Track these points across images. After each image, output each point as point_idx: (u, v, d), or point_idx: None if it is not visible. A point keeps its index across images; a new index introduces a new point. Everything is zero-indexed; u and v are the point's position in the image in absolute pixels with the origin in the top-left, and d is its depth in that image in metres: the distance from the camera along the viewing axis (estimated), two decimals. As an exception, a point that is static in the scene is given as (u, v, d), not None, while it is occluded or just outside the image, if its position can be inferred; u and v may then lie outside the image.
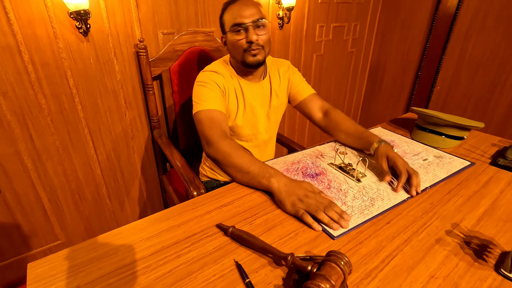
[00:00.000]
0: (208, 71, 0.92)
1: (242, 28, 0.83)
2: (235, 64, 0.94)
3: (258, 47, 0.85)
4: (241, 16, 0.82)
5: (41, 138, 1.16)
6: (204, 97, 0.85)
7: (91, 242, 0.54)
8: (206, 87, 0.87)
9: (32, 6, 1.00)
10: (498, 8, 1.65)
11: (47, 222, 1.30)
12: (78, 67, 1.15)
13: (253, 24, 0.83)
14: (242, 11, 0.83)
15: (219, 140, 0.76)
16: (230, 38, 0.87)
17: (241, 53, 0.86)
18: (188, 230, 0.58)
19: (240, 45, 0.85)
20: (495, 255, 0.52)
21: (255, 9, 0.84)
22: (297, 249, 0.53)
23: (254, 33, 0.83)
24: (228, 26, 0.86)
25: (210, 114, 0.83)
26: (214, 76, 0.89)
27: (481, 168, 0.81)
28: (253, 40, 0.82)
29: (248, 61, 0.86)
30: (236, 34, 0.85)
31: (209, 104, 0.84)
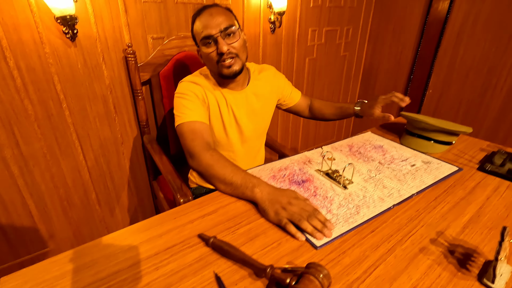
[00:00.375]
0: (187, 81, 0.91)
1: (211, 40, 0.81)
2: (214, 75, 0.93)
3: (231, 56, 0.83)
4: (208, 28, 0.80)
5: (28, 144, 1.15)
6: (184, 109, 0.84)
7: (67, 254, 0.53)
8: (185, 98, 0.86)
9: (18, 11, 0.99)
10: (487, 13, 1.66)
11: (34, 230, 1.28)
12: (66, 72, 1.14)
13: (222, 34, 0.80)
14: (208, 22, 0.80)
15: (201, 152, 0.76)
16: (202, 50, 0.86)
17: (215, 65, 0.85)
18: (169, 240, 0.56)
19: (212, 57, 0.83)
20: (478, 264, 0.52)
21: (222, 17, 0.81)
22: (279, 259, 0.52)
23: (224, 43, 0.81)
24: (198, 39, 0.85)
25: (192, 126, 0.82)
26: (192, 87, 0.88)
27: (469, 174, 0.81)
28: (223, 51, 0.80)
29: (223, 73, 0.85)
30: (207, 47, 0.83)
31: (189, 116, 0.83)
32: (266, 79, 1.01)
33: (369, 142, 0.99)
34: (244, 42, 0.87)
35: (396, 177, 0.79)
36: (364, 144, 0.98)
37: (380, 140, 1.01)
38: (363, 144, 0.98)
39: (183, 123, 0.83)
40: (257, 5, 1.57)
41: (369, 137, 1.04)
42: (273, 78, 1.03)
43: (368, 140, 1.02)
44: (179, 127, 0.84)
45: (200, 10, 0.85)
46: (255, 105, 0.99)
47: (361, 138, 1.03)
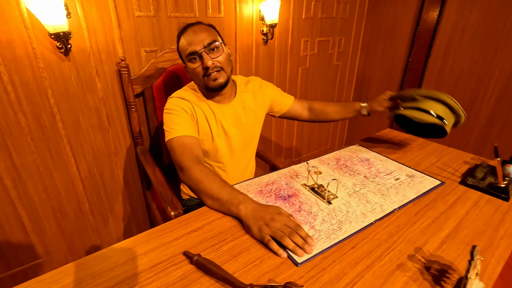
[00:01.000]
0: (175, 97, 0.93)
1: (196, 56, 0.86)
2: (201, 89, 0.96)
3: (216, 70, 0.87)
4: (192, 44, 0.85)
5: (21, 156, 1.16)
6: (173, 124, 0.87)
7: (52, 274, 0.54)
8: (173, 114, 0.88)
9: (12, 28, 1.01)
10: (474, 25, 1.70)
11: (27, 241, 1.29)
12: (59, 86, 1.16)
13: (206, 49, 0.85)
14: (192, 39, 0.85)
15: (191, 166, 0.78)
16: (188, 66, 0.90)
17: (202, 79, 0.88)
18: (154, 258, 0.58)
19: (198, 72, 0.87)
20: (453, 280, 0.54)
21: (205, 33, 0.86)
22: (261, 277, 0.54)
23: (209, 58, 0.85)
24: (184, 56, 0.89)
25: (181, 141, 0.84)
26: (180, 103, 0.91)
27: (450, 188, 0.83)
28: (208, 65, 0.85)
29: (210, 85, 0.88)
30: (192, 63, 0.87)
31: (179, 131, 0.85)
32: (252, 90, 1.04)
33: (356, 155, 1.02)
34: (228, 56, 0.91)
35: (380, 191, 0.81)
36: (351, 157, 1.00)
37: (367, 153, 1.04)
38: (350, 157, 1.00)
39: (172, 138, 0.85)
40: (250, 17, 1.60)
41: (356, 150, 1.06)
42: (259, 89, 1.06)
43: (356, 153, 1.04)
44: (169, 142, 0.86)
45: (183, 29, 0.89)
46: (243, 116, 1.01)
47: (348, 151, 1.05)
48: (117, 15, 1.19)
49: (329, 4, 1.94)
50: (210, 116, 0.95)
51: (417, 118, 0.87)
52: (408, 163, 0.97)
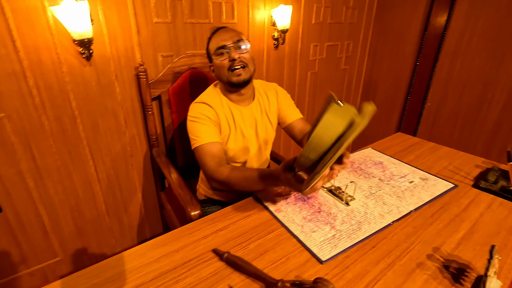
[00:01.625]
0: (198, 102, 0.97)
1: (224, 50, 0.91)
2: (223, 89, 0.99)
3: (241, 65, 0.91)
4: (222, 40, 0.91)
5: (43, 158, 1.20)
6: (198, 133, 0.91)
7: (92, 269, 0.57)
8: (198, 122, 0.92)
9: (38, 34, 1.05)
10: (481, 31, 1.73)
11: (46, 240, 1.32)
12: (80, 90, 1.20)
13: (234, 44, 0.90)
14: (222, 35, 0.92)
15: (214, 173, 0.84)
16: (215, 62, 0.94)
17: (226, 73, 0.92)
18: (185, 255, 0.61)
19: (224, 65, 0.91)
20: (471, 279, 0.56)
21: (235, 32, 0.93)
22: (288, 273, 0.57)
23: (236, 52, 0.90)
24: (213, 52, 0.94)
25: (205, 149, 0.89)
26: (203, 109, 0.94)
27: (464, 191, 0.86)
28: (235, 57, 0.89)
29: (233, 80, 0.92)
30: (220, 56, 0.92)
31: (204, 139, 0.90)
32: (269, 95, 1.07)
33: (370, 159, 1.04)
34: (252, 56, 0.96)
35: (395, 193, 0.83)
36: (364, 161, 1.03)
37: (380, 156, 1.06)
38: (364, 160, 1.03)
39: (198, 146, 0.90)
40: (262, 23, 1.64)
41: (369, 153, 1.09)
42: (274, 95, 1.09)
43: (369, 156, 1.07)
44: (196, 150, 0.91)
45: (215, 30, 0.96)
46: (259, 119, 1.04)
47: (361, 154, 1.08)
48: (136, 22, 1.23)
49: (338, 9, 1.98)
50: (230, 118, 0.98)
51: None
52: (421, 167, 0.99)
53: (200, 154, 0.89)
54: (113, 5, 1.16)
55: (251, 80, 0.97)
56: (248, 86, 0.97)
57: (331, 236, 0.67)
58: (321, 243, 0.64)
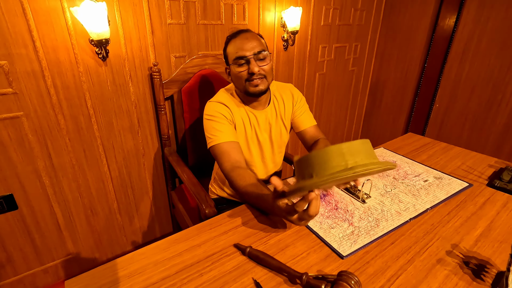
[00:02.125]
0: (214, 101, 0.97)
1: (244, 60, 0.89)
2: (239, 93, 0.99)
3: (260, 77, 0.90)
4: (243, 50, 0.88)
5: (58, 156, 1.22)
6: (214, 131, 0.91)
7: (118, 262, 0.59)
8: (214, 120, 0.92)
9: (57, 34, 1.08)
10: (490, 33, 1.74)
11: (59, 237, 1.34)
12: (96, 89, 1.22)
13: (255, 56, 0.88)
14: (244, 44, 0.88)
15: (229, 173, 0.84)
16: (233, 70, 0.92)
17: (243, 83, 0.91)
18: (207, 249, 0.62)
19: (242, 76, 0.90)
20: (491, 274, 0.57)
21: (256, 42, 0.90)
22: (309, 268, 0.58)
23: (256, 64, 0.88)
24: (231, 59, 0.92)
25: (222, 148, 0.89)
26: (220, 108, 0.94)
27: (478, 190, 0.86)
28: (254, 71, 0.88)
29: (250, 90, 0.91)
30: (239, 66, 0.90)
31: (220, 137, 0.90)
32: (285, 98, 1.07)
33: (383, 158, 1.05)
34: (271, 67, 0.94)
35: (410, 192, 0.84)
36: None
37: (392, 156, 1.07)
38: (377, 159, 1.04)
39: (214, 145, 0.90)
40: (272, 24, 1.66)
41: (382, 153, 1.10)
42: (289, 98, 1.08)
43: (382, 155, 1.07)
44: (212, 149, 0.92)
45: (235, 33, 0.93)
46: (274, 123, 1.05)
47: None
48: (151, 23, 1.26)
49: (346, 11, 1.99)
50: (246, 121, 0.99)
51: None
52: (434, 166, 1.00)
53: (217, 153, 0.90)
54: (129, 7, 1.18)
55: (268, 90, 0.96)
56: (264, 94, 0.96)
57: (349, 232, 0.67)
58: (341, 239, 0.65)
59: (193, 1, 1.33)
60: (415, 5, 2.06)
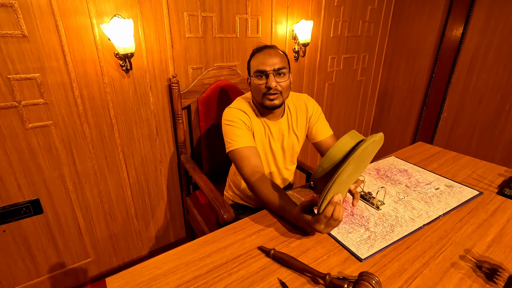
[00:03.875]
0: (234, 108, 1.01)
1: (263, 74, 0.94)
2: (256, 103, 1.04)
3: (276, 92, 0.94)
4: (264, 64, 0.93)
5: (82, 163, 1.28)
6: (234, 136, 0.95)
7: (153, 261, 0.63)
8: (234, 126, 0.97)
9: (86, 49, 1.15)
10: (498, 43, 1.78)
11: (80, 241, 1.39)
12: (119, 100, 1.29)
13: (274, 72, 0.93)
14: (266, 60, 0.93)
15: (250, 178, 0.88)
16: (253, 81, 0.98)
17: (261, 96, 0.96)
18: (234, 251, 0.67)
19: (260, 89, 0.95)
20: (504, 278, 0.60)
21: (278, 59, 0.94)
22: (330, 269, 0.62)
23: (274, 80, 0.93)
24: (253, 71, 0.97)
25: (242, 153, 0.93)
26: (239, 114, 0.99)
27: (489, 198, 0.90)
28: (271, 86, 0.93)
29: (265, 104, 0.96)
30: (258, 79, 0.95)
31: (239, 142, 0.94)
32: (299, 111, 1.10)
33: (394, 166, 1.09)
34: (289, 83, 0.99)
35: (423, 199, 0.88)
36: (390, 168, 1.07)
37: (404, 165, 1.11)
38: (389, 168, 1.08)
39: (234, 149, 0.94)
40: (284, 37, 1.73)
41: (393, 161, 1.14)
42: (305, 109, 1.11)
43: (393, 164, 1.11)
44: (231, 154, 0.95)
45: (261, 48, 0.98)
46: (286, 135, 1.09)
47: (386, 162, 1.13)
48: (171, 37, 1.33)
49: (355, 23, 2.06)
50: (261, 130, 1.04)
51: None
52: (445, 175, 1.03)
53: (236, 157, 0.93)
54: (152, 22, 1.26)
55: (282, 105, 1.01)
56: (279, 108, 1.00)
57: (366, 237, 0.71)
58: (358, 243, 0.69)
59: (210, 16, 1.40)
60: (423, 17, 2.12)
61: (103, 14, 1.13)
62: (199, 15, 1.37)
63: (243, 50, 1.58)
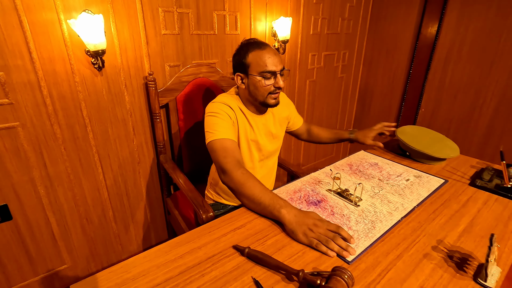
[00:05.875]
0: (218, 102, 0.99)
1: (272, 75, 0.93)
2: (249, 101, 1.02)
3: (279, 91, 0.97)
4: (273, 65, 0.92)
5: (54, 165, 1.23)
6: (217, 126, 0.92)
7: (122, 265, 0.61)
8: (217, 117, 0.94)
9: (53, 46, 1.10)
10: (471, 40, 1.83)
11: (55, 247, 1.34)
12: (92, 99, 1.24)
13: (280, 72, 0.95)
14: (273, 60, 0.92)
15: (233, 170, 0.82)
16: (257, 81, 0.94)
17: (265, 95, 0.96)
18: (208, 251, 0.65)
19: (268, 89, 0.95)
20: (473, 266, 0.61)
21: (279, 57, 0.96)
22: (305, 266, 0.61)
23: (281, 79, 0.95)
24: (257, 70, 0.93)
25: (224, 144, 0.89)
26: (224, 107, 0.96)
27: (461, 189, 0.92)
28: (281, 86, 0.95)
29: (270, 102, 0.97)
30: (266, 80, 0.93)
31: (221, 133, 0.90)
32: (281, 105, 1.12)
33: (365, 160, 1.11)
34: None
35: (396, 192, 0.89)
36: (361, 163, 1.09)
37: (374, 158, 1.13)
38: (360, 162, 1.09)
39: (215, 139, 0.90)
40: (263, 34, 1.71)
41: (364, 156, 1.15)
42: (286, 104, 1.16)
43: (364, 158, 1.13)
44: (211, 144, 0.90)
45: (260, 44, 0.95)
46: (272, 127, 1.10)
47: (357, 157, 1.14)
48: (146, 34, 1.29)
49: (334, 21, 2.07)
50: (247, 125, 1.03)
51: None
52: (420, 168, 1.05)
53: (217, 147, 0.88)
54: (125, 18, 1.21)
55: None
56: None
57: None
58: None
59: (187, 13, 1.37)
60: (400, 14, 2.16)
61: (71, 9, 1.08)
62: (174, 11, 1.33)
63: (222, 47, 1.56)
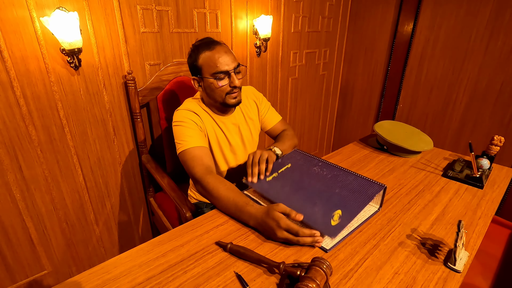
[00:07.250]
0: (183, 109, 0.98)
1: (225, 75, 0.92)
2: (211, 103, 1.01)
3: (238, 89, 0.95)
4: (225, 64, 0.90)
5: (30, 168, 1.18)
6: (183, 136, 0.91)
7: (103, 266, 0.60)
8: (183, 126, 0.93)
9: (26, 44, 1.06)
10: (443, 38, 1.91)
11: (33, 252, 1.29)
12: (69, 99, 1.20)
13: (235, 69, 0.92)
14: (224, 59, 0.90)
15: (203, 178, 0.83)
16: (212, 83, 0.93)
17: (223, 96, 0.94)
18: (190, 249, 0.65)
19: (224, 89, 0.93)
20: (444, 252, 0.65)
21: (233, 55, 0.94)
22: (287, 258, 0.63)
23: (236, 78, 0.93)
24: (209, 72, 0.92)
25: (192, 153, 0.89)
26: (189, 115, 0.95)
27: (435, 180, 0.96)
28: (237, 85, 0.93)
29: (230, 103, 0.95)
30: (220, 80, 0.92)
31: (189, 142, 0.90)
32: (249, 100, 1.13)
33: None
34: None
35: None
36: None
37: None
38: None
39: (184, 150, 0.90)
40: (244, 32, 1.72)
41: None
42: (253, 98, 1.14)
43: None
44: (181, 155, 0.91)
45: (208, 45, 0.92)
46: (244, 126, 1.10)
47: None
48: (124, 32, 1.26)
49: (315, 19, 2.10)
50: (216, 127, 1.02)
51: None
52: (397, 161, 1.10)
53: (187, 158, 0.89)
54: (102, 16, 1.19)
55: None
56: None
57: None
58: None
59: (166, 10, 1.36)
60: (378, 12, 2.22)
61: (44, 7, 1.05)
62: (153, 9, 1.31)
63: (203, 45, 1.55)
